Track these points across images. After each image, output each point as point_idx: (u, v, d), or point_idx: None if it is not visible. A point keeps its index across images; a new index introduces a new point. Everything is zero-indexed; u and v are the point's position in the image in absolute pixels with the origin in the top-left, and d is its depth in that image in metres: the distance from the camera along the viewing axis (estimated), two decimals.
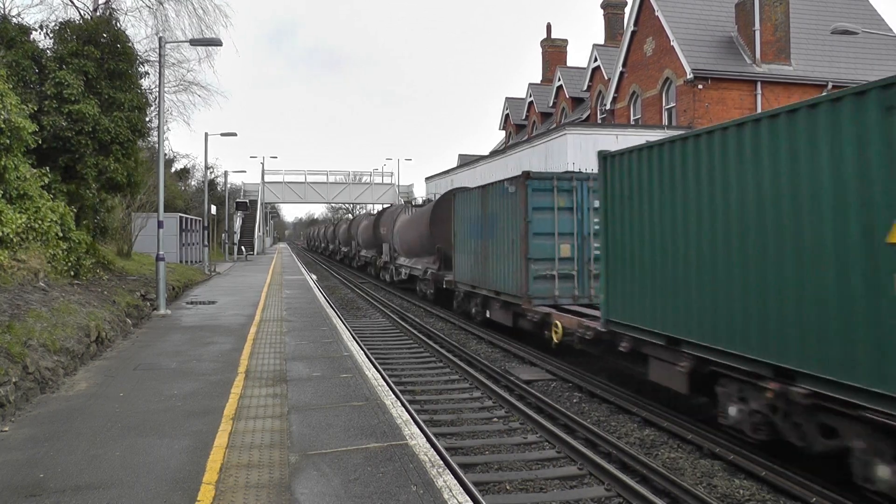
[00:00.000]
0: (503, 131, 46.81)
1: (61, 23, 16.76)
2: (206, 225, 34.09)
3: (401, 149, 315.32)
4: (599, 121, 30.10)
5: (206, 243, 33.02)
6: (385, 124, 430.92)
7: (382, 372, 10.88)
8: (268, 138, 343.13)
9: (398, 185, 64.99)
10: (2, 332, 8.13)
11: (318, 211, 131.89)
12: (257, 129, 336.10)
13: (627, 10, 28.98)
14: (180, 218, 32.13)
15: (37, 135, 13.15)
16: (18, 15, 22.47)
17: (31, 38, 16.02)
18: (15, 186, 12.17)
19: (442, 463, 5.77)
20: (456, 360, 12.94)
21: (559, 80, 36.94)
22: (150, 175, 24.20)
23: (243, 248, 49.08)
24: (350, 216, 77.06)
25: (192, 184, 53.09)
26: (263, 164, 61.29)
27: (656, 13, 25.11)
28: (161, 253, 15.70)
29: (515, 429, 8.83)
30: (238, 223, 54.60)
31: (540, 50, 43.38)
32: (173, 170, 47.68)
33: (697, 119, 22.91)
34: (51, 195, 13.79)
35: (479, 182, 24.15)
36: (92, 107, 15.43)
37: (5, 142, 11.88)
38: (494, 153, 33.62)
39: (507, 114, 45.17)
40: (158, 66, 16.74)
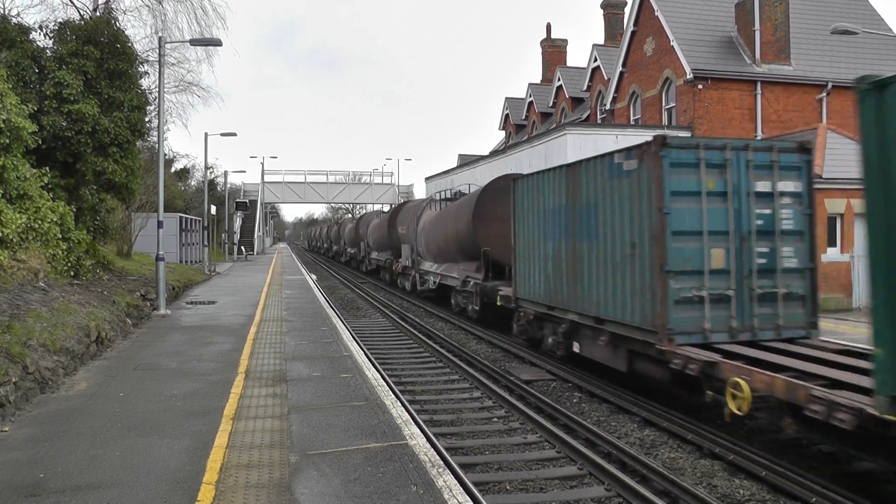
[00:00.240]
0: (503, 131, 46.80)
1: (61, 23, 16.76)
2: (205, 225, 34.10)
3: (401, 149, 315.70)
4: (599, 121, 30.09)
5: (205, 243, 33.04)
6: (385, 124, 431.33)
7: (382, 372, 10.88)
8: (268, 138, 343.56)
9: (398, 185, 65.06)
10: (2, 332, 8.13)
11: (318, 211, 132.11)
12: (257, 129, 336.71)
13: (627, 10, 28.97)
14: (180, 218, 32.15)
15: (37, 135, 13.16)
16: (18, 15, 22.43)
17: (31, 38, 16.02)
18: (15, 186, 12.17)
19: (442, 463, 5.78)
20: (456, 360, 12.94)
21: (559, 80, 36.93)
22: (150, 175, 24.22)
23: (243, 248, 49.08)
24: (350, 216, 77.06)
25: (192, 184, 53.15)
26: (263, 164, 61.44)
27: (656, 13, 25.10)
28: (161, 253, 15.71)
29: (515, 429, 8.84)
30: (238, 223, 54.63)
31: (540, 50, 43.39)
32: (173, 170, 47.70)
33: (697, 119, 22.90)
34: (51, 195, 13.79)
35: (479, 182, 23.98)
36: (92, 107, 15.43)
37: (5, 142, 11.89)
38: (494, 153, 33.62)
39: (507, 114, 45.16)
40: (158, 66, 16.75)
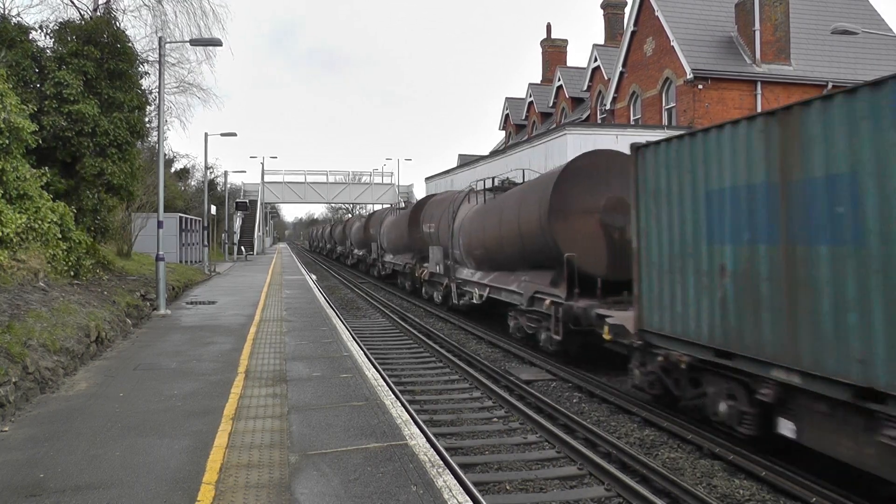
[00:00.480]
0: (503, 131, 46.81)
1: (61, 23, 16.76)
2: (205, 225, 34.08)
3: (400, 149, 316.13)
4: (599, 121, 30.08)
5: (205, 243, 33.01)
6: (385, 124, 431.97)
7: (382, 372, 10.87)
8: (268, 138, 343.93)
9: (398, 185, 65.01)
10: (2, 332, 8.13)
11: (318, 211, 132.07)
12: (257, 129, 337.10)
13: (627, 10, 28.98)
14: (180, 218, 32.13)
15: (37, 135, 13.16)
16: (18, 15, 22.44)
17: (31, 38, 16.02)
18: (15, 186, 12.17)
19: (442, 463, 5.77)
20: (456, 360, 12.93)
21: (559, 80, 36.93)
22: (150, 175, 24.22)
23: (243, 248, 49.05)
24: (350, 216, 77.07)
25: (192, 184, 53.13)
26: (263, 164, 61.41)
27: (656, 13, 25.10)
28: (161, 253, 15.70)
29: (515, 429, 8.83)
30: (238, 223, 54.60)
31: (540, 50, 43.41)
32: (173, 170, 47.69)
33: (697, 119, 22.89)
34: (51, 195, 13.79)
35: (479, 181, 23.84)
36: (92, 107, 15.43)
37: (5, 142, 11.88)
38: (494, 153, 33.59)
39: (507, 114, 45.16)
40: (158, 66, 16.74)
